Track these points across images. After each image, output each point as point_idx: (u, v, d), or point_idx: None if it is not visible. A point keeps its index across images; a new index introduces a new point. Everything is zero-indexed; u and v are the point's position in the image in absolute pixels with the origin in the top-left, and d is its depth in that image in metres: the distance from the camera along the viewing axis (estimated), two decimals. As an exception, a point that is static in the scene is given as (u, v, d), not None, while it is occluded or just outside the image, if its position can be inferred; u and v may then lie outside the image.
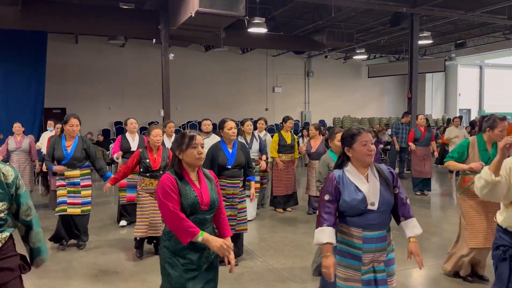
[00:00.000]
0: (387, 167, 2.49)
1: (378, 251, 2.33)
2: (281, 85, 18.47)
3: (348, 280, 2.33)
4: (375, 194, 2.31)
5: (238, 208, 4.29)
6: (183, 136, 2.39)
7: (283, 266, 4.40)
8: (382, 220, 2.32)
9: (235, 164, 4.20)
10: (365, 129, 2.38)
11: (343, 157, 2.44)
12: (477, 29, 14.93)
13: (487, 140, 3.73)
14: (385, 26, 13.56)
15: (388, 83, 20.50)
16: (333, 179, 2.35)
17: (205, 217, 2.37)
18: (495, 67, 20.69)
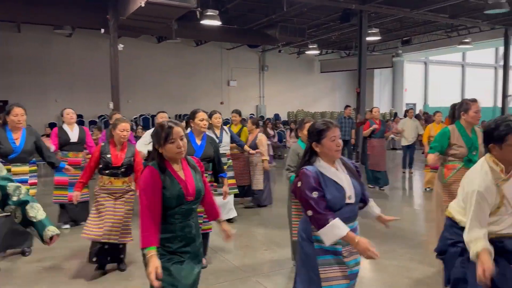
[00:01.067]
0: (349, 159, 2.52)
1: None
2: (236, 79, 18.49)
3: (335, 278, 2.25)
4: (350, 187, 2.29)
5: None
6: (160, 129, 2.29)
7: (246, 263, 4.42)
8: (355, 211, 2.34)
9: (203, 157, 4.01)
10: (333, 124, 2.32)
11: (311, 152, 2.35)
12: (422, 26, 15.70)
13: (465, 126, 3.78)
14: (335, 22, 13.93)
15: (339, 78, 21.08)
16: (312, 176, 2.24)
17: (191, 207, 2.37)
18: (439, 63, 21.85)
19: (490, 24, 14.74)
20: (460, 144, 3.73)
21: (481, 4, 11.51)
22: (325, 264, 2.25)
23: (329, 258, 2.25)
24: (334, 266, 2.25)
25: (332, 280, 2.24)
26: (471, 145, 3.69)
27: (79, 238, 5.17)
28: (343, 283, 2.25)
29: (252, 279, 4.00)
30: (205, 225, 4.10)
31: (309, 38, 15.70)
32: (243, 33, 14.22)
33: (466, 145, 3.71)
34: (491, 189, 2.20)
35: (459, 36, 16.21)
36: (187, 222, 2.36)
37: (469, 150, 3.70)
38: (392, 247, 4.82)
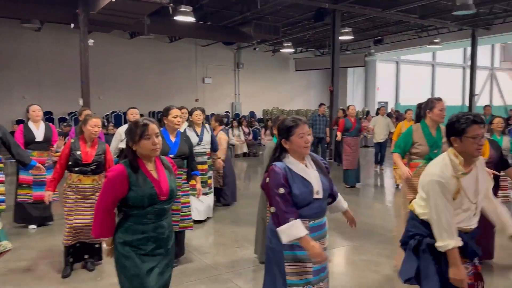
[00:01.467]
0: (319, 156, 2.55)
1: (321, 238, 2.37)
2: (211, 76, 18.38)
3: (299, 274, 2.30)
4: (318, 183, 2.33)
5: (182, 202, 4.03)
6: (135, 126, 2.27)
7: (218, 261, 4.41)
8: (324, 207, 2.39)
9: (178, 154, 3.99)
10: (302, 120, 2.36)
11: (280, 149, 2.38)
12: (393, 26, 16.02)
13: (430, 124, 3.85)
14: (309, 21, 14.04)
15: (313, 76, 21.28)
16: (280, 172, 2.27)
17: (164, 207, 2.33)
18: (410, 63, 22.36)
19: (458, 25, 15.19)
20: (422, 143, 3.81)
21: (449, 5, 11.83)
22: (291, 259, 2.30)
23: (295, 254, 2.29)
24: (299, 262, 2.30)
25: (297, 275, 2.29)
26: (433, 143, 3.77)
27: (45, 238, 5.05)
28: (307, 278, 2.30)
29: (223, 276, 4.00)
30: (183, 223, 4.08)
31: (283, 36, 15.76)
32: (218, 30, 14.14)
33: (427, 144, 3.79)
34: (451, 180, 2.26)
35: (429, 36, 16.63)
36: (160, 223, 2.34)
37: (430, 149, 3.76)
38: (362, 243, 4.92)
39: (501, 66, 25.11)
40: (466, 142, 2.26)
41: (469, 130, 2.25)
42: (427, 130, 3.83)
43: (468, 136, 2.25)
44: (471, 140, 2.24)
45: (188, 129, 5.69)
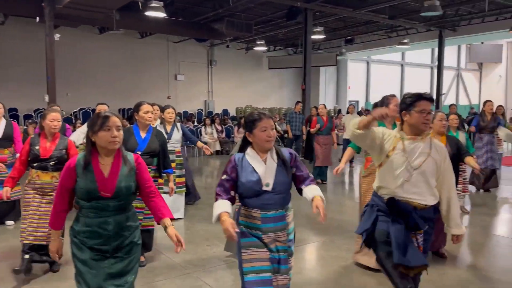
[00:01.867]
0: (288, 149, 2.57)
1: (278, 231, 2.41)
2: (183, 73, 18.20)
3: (255, 260, 2.36)
4: (271, 176, 2.38)
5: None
6: (97, 116, 2.25)
7: (187, 260, 4.34)
8: (278, 200, 2.39)
9: (147, 151, 3.93)
10: (266, 115, 2.41)
11: (244, 141, 2.48)
12: (364, 26, 16.31)
13: (386, 121, 3.92)
14: (282, 20, 14.11)
15: (287, 75, 21.41)
16: (232, 161, 2.43)
17: (108, 204, 2.26)
18: (380, 62, 22.83)
19: (426, 26, 15.62)
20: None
21: (417, 6, 12.16)
22: (247, 246, 2.39)
23: (251, 241, 2.39)
24: (255, 248, 2.38)
25: (252, 262, 2.36)
26: None
27: (3, 239, 4.85)
28: (264, 265, 2.36)
29: (192, 275, 3.96)
30: (146, 222, 4.00)
31: (256, 34, 15.78)
32: (190, 26, 14.00)
33: None
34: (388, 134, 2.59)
35: (398, 36, 17.03)
36: (105, 219, 2.28)
37: None
38: (331, 239, 4.98)
39: (467, 67, 26.00)
40: (414, 116, 2.51)
41: (417, 104, 2.51)
42: (384, 126, 3.85)
43: (415, 110, 2.51)
44: (418, 114, 2.49)
45: (159, 126, 5.62)
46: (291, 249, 2.49)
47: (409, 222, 2.53)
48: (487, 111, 7.63)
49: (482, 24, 14.97)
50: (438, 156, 2.59)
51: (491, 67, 25.80)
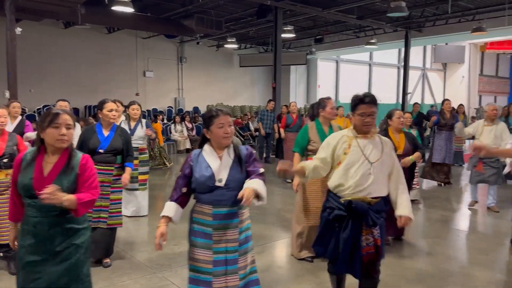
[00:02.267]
0: (246, 146, 2.58)
1: (229, 228, 2.39)
2: (152, 70, 17.87)
3: (199, 260, 2.39)
4: (224, 172, 2.38)
5: (111, 199, 3.95)
6: (47, 113, 2.21)
7: (153, 259, 4.30)
8: (231, 196, 2.37)
9: (109, 149, 3.91)
10: (223, 111, 2.42)
11: (203, 137, 2.50)
12: (333, 26, 16.54)
13: (322, 122, 4.15)
14: (253, 17, 14.09)
15: (258, 73, 21.43)
16: (190, 158, 2.46)
17: (44, 204, 2.14)
18: (349, 62, 23.20)
19: (393, 26, 15.99)
20: (316, 140, 4.03)
21: (384, 7, 12.42)
22: (194, 246, 2.43)
23: (198, 241, 2.42)
24: (200, 249, 2.41)
25: (196, 261, 2.41)
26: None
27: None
28: (205, 267, 2.38)
29: (158, 275, 3.91)
30: (111, 220, 3.96)
31: (227, 31, 15.70)
32: (158, 22, 13.76)
33: (320, 140, 3.89)
34: (339, 138, 2.81)
35: (366, 36, 17.35)
36: (41, 219, 2.18)
37: None
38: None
39: (432, 67, 26.82)
40: (356, 118, 2.76)
41: (358, 107, 2.73)
42: (321, 128, 4.10)
43: (357, 113, 2.74)
44: (358, 117, 2.74)
45: (123, 122, 5.58)
46: (244, 247, 2.47)
47: (367, 220, 2.69)
48: (446, 109, 7.99)
49: (446, 26, 15.48)
50: (388, 149, 2.83)
51: (454, 67, 26.73)
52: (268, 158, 11.02)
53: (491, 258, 4.46)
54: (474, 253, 4.58)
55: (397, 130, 4.58)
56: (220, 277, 2.37)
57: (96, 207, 3.78)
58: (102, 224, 3.93)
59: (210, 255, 2.38)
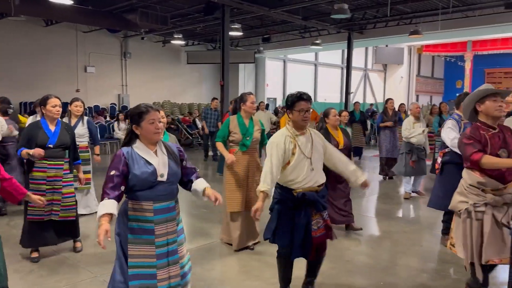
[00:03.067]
0: (175, 144, 2.69)
1: (169, 221, 2.48)
2: (94, 65, 17.14)
3: (141, 257, 2.41)
4: (164, 167, 2.45)
5: (63, 193, 4.07)
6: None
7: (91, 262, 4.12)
8: (171, 191, 2.49)
9: (59, 144, 4.00)
10: (153, 108, 2.48)
11: (131, 134, 2.49)
12: (279, 26, 16.76)
13: (244, 115, 4.46)
14: (200, 14, 13.93)
15: (206, 70, 21.25)
16: (121, 155, 2.40)
17: None
18: (295, 62, 23.66)
19: (337, 28, 16.51)
20: (236, 132, 4.39)
21: (328, 9, 12.79)
22: (134, 243, 2.42)
23: (138, 238, 2.42)
24: (142, 245, 2.42)
25: (138, 258, 2.41)
26: (246, 131, 4.39)
27: None
28: (148, 261, 2.42)
29: (99, 279, 3.76)
30: (64, 213, 4.09)
31: (173, 27, 15.41)
32: (100, 15, 13.18)
33: (240, 132, 4.38)
34: (287, 140, 3.03)
35: (311, 37, 17.78)
36: None
37: (243, 136, 4.37)
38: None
39: (373, 68, 28.06)
40: (295, 114, 3.01)
41: (296, 104, 3.00)
42: (242, 121, 4.42)
43: (296, 110, 3.00)
44: (298, 113, 2.99)
45: (65, 118, 5.44)
46: (181, 237, 2.59)
47: (318, 206, 3.06)
48: (389, 108, 8.55)
49: (386, 28, 16.24)
50: (318, 139, 3.17)
51: (394, 68, 28.15)
52: (215, 156, 10.98)
53: (425, 248, 4.75)
54: (409, 245, 4.85)
55: (334, 127, 4.95)
56: (163, 269, 2.44)
57: (48, 201, 3.89)
58: (54, 216, 4.04)
59: (153, 250, 2.42)
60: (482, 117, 3.09)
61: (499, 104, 3.00)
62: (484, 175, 2.99)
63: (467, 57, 25.28)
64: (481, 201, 3.01)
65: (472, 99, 3.10)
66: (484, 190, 3.01)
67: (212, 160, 11.25)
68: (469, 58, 25.26)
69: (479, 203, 3.01)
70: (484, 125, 3.06)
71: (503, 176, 2.97)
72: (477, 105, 3.09)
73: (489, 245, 2.94)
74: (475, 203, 3.01)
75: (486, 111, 3.04)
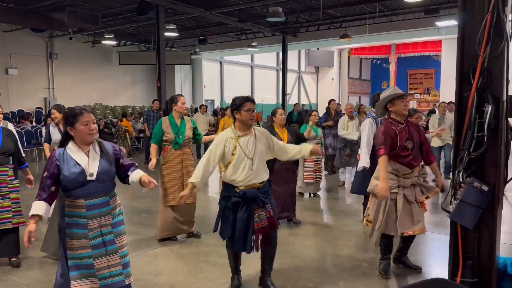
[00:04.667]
0: (111, 143, 2.80)
1: (103, 216, 2.62)
2: (16, 66, 15.93)
3: (77, 249, 2.56)
4: (94, 166, 2.57)
5: (12, 198, 4.00)
6: None
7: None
8: (102, 188, 2.62)
9: (2, 151, 3.91)
10: (87, 110, 2.61)
11: (66, 136, 2.61)
12: (216, 27, 16.76)
13: (175, 116, 4.71)
14: (133, 14, 13.51)
15: (140, 71, 20.64)
16: (53, 157, 2.56)
17: None
18: (232, 63, 23.80)
19: (272, 30, 16.88)
20: (169, 131, 4.65)
21: (263, 12, 13.03)
22: (70, 236, 2.58)
23: (74, 232, 2.57)
24: (77, 238, 2.57)
25: (75, 250, 2.57)
26: (178, 131, 4.67)
27: None
28: (85, 252, 2.57)
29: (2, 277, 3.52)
30: (16, 219, 4.00)
31: (104, 27, 14.79)
32: (23, 14, 12.28)
33: (173, 132, 4.63)
34: (226, 140, 3.25)
35: (247, 39, 17.99)
36: None
37: (176, 135, 4.64)
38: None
39: (306, 70, 29.05)
40: (243, 113, 3.24)
41: (245, 105, 3.24)
42: (173, 121, 4.68)
43: (244, 110, 3.22)
44: (245, 113, 3.23)
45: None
46: (120, 229, 2.73)
47: (258, 203, 3.26)
48: (332, 108, 8.98)
49: (318, 32, 16.91)
50: (262, 137, 3.36)
51: (325, 70, 29.36)
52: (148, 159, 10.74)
53: (363, 239, 5.01)
54: (349, 236, 5.09)
55: (280, 125, 5.20)
56: (100, 258, 2.59)
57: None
58: (7, 224, 3.96)
59: (87, 242, 2.57)
60: (392, 115, 3.65)
61: (405, 104, 3.61)
62: (396, 162, 3.59)
63: (392, 59, 27.09)
64: (395, 184, 3.56)
65: (384, 100, 3.64)
66: (396, 174, 3.59)
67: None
68: (393, 61, 27.07)
69: (393, 185, 3.54)
70: (394, 121, 3.63)
71: (410, 163, 3.60)
72: (388, 105, 3.64)
73: (402, 219, 3.56)
74: (390, 186, 3.51)
75: (396, 110, 3.61)
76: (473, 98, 2.54)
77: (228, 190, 3.29)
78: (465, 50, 2.63)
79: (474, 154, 2.57)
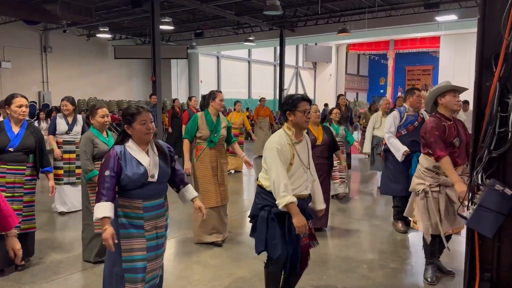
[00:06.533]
0: (166, 144, 2.71)
1: (159, 218, 2.58)
2: (10, 60, 15.65)
3: (133, 250, 2.48)
4: (155, 167, 2.52)
5: (24, 201, 3.73)
6: None
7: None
8: (160, 189, 2.57)
9: (20, 147, 3.69)
10: (145, 108, 2.53)
11: (124, 134, 2.54)
12: (212, 21, 16.53)
13: (212, 112, 4.46)
14: (128, 7, 13.26)
15: (136, 65, 20.38)
16: (114, 155, 2.44)
17: None
18: (229, 58, 23.56)
19: (269, 24, 16.66)
20: (204, 128, 4.39)
21: (261, 5, 12.82)
22: (126, 237, 2.48)
23: (130, 232, 2.48)
24: (133, 239, 2.48)
25: (132, 251, 2.48)
26: (213, 128, 4.41)
27: None
28: (140, 254, 2.49)
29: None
30: (25, 224, 3.73)
31: (99, 20, 14.53)
32: (16, 5, 12.00)
33: (208, 129, 4.37)
34: (286, 147, 2.78)
35: (244, 34, 17.76)
36: None
37: (211, 133, 4.38)
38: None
39: (304, 66, 28.84)
40: (298, 115, 2.79)
41: (300, 105, 2.79)
42: (210, 118, 4.43)
43: (300, 110, 2.78)
44: (300, 114, 2.79)
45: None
46: (167, 232, 2.69)
47: (306, 215, 2.86)
48: (341, 104, 8.73)
49: (316, 26, 16.69)
50: (308, 140, 3.01)
51: (323, 66, 29.16)
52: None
53: (363, 239, 4.86)
54: (347, 236, 4.94)
55: (315, 123, 4.75)
56: (152, 261, 2.54)
57: None
58: (16, 229, 3.43)
59: (144, 243, 2.50)
60: (441, 110, 3.47)
61: (457, 99, 3.41)
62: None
63: (389, 55, 26.92)
64: (436, 183, 3.43)
65: (435, 92, 3.46)
66: (437, 172, 3.43)
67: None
68: (391, 56, 26.91)
69: (434, 184, 3.42)
70: (443, 116, 3.44)
71: (454, 161, 3.36)
72: (438, 99, 3.45)
73: (445, 219, 3.42)
74: (431, 184, 3.42)
75: (446, 104, 3.41)
76: (495, 88, 2.15)
77: (269, 199, 2.80)
78: (485, 32, 2.18)
79: (495, 152, 2.20)
